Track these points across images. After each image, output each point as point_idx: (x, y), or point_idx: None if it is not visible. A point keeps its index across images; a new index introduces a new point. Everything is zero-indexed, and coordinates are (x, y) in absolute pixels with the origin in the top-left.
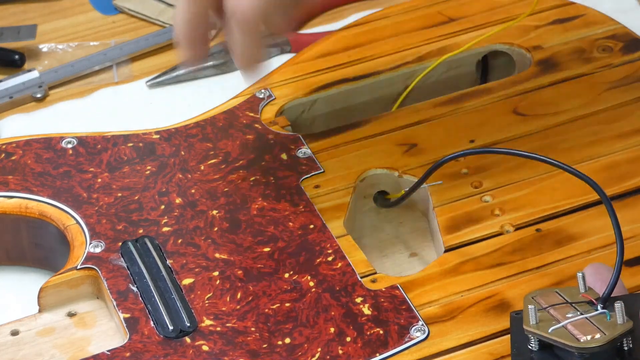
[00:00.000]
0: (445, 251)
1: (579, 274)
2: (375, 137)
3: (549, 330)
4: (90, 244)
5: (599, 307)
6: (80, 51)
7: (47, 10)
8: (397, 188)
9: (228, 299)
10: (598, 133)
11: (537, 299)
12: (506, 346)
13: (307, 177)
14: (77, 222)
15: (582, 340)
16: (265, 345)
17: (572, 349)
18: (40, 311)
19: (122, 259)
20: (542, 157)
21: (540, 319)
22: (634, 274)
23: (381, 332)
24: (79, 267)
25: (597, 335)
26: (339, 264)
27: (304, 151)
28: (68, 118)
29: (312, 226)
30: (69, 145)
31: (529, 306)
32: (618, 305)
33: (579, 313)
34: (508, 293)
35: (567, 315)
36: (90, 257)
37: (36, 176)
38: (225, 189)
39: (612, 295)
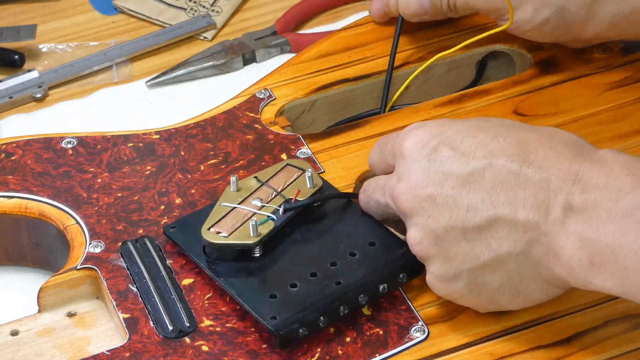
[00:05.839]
0: None
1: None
2: (375, 137)
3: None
4: (90, 244)
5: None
6: (80, 51)
7: (47, 10)
8: None
9: (228, 299)
10: (598, 133)
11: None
12: (506, 346)
13: None
14: (77, 222)
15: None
16: (264, 346)
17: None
18: (40, 311)
19: (121, 259)
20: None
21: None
22: None
23: (381, 332)
24: (78, 267)
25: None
26: None
27: (304, 151)
28: (68, 118)
29: None
30: (69, 145)
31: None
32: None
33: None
34: None
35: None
36: (90, 257)
37: (36, 176)
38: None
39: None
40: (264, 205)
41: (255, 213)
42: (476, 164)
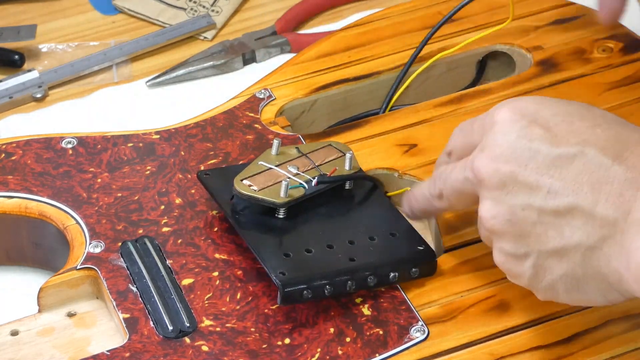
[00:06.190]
0: (445, 251)
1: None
2: (375, 137)
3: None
4: (90, 244)
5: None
6: (80, 51)
7: (47, 10)
8: (397, 189)
9: (228, 299)
10: None
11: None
12: (506, 346)
13: None
14: (77, 222)
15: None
16: (264, 346)
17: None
18: (40, 311)
19: (121, 259)
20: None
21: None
22: None
23: (381, 332)
24: (78, 267)
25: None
26: None
27: None
28: (68, 118)
29: None
30: (69, 145)
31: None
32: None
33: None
34: (508, 293)
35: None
36: (90, 257)
37: (36, 176)
38: None
39: None
40: (299, 174)
41: (289, 178)
42: (567, 149)
